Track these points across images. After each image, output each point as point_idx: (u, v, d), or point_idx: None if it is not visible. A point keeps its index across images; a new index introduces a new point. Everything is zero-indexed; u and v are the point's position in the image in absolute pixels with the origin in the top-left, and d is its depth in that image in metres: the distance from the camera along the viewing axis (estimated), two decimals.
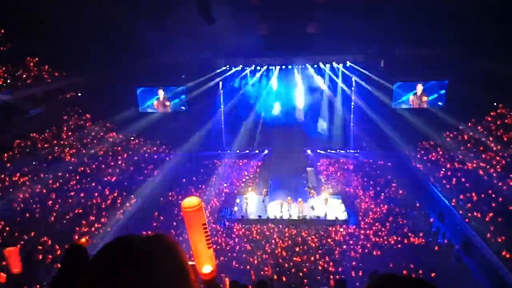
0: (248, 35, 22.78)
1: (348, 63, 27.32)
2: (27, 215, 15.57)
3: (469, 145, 21.41)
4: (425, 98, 26.34)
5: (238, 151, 28.94)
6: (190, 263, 1.08)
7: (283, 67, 28.49)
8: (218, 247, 17.23)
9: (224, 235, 19.11)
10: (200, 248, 2.29)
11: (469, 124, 22.64)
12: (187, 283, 0.98)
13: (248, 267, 15.56)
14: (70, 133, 22.70)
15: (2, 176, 17.00)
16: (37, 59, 22.58)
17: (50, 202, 16.88)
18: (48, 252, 13.63)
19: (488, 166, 18.82)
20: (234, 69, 28.64)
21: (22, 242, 13.60)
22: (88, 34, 21.28)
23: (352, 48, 25.62)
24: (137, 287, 0.88)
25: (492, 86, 20.90)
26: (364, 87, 26.89)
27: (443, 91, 25.91)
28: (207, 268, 2.31)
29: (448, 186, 19.42)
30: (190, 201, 2.28)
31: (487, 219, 15.73)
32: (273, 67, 28.62)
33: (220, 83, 28.57)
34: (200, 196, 22.15)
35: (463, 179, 19.13)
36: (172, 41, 22.48)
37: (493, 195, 16.87)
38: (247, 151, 29.24)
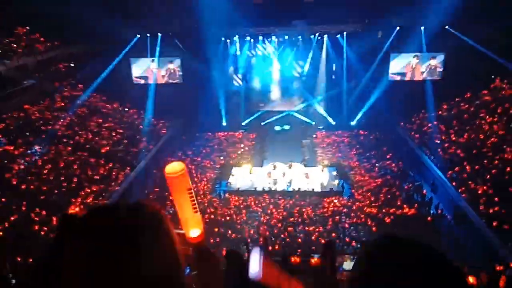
0: (243, 4, 22.20)
1: (345, 34, 26.85)
2: (23, 187, 15.52)
3: (465, 116, 21.39)
4: (421, 70, 26.07)
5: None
6: (177, 231, 1.06)
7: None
8: (214, 218, 17.44)
9: (220, 206, 19.29)
10: (187, 213, 2.24)
11: (466, 96, 22.58)
12: (173, 250, 0.95)
13: (246, 235, 15.97)
14: (63, 104, 22.38)
15: None
16: (28, 27, 21.94)
17: (45, 173, 16.82)
18: (43, 223, 13.70)
19: (483, 138, 18.90)
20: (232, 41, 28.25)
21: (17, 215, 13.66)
22: (80, 2, 20.61)
23: (349, 18, 25.08)
24: (121, 255, 0.85)
25: (489, 58, 20.75)
26: (360, 58, 26.55)
27: (439, 63, 25.64)
28: (195, 232, 2.27)
29: (442, 158, 19.53)
30: (174, 167, 2.21)
31: (480, 191, 15.90)
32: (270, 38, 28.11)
33: (216, 54, 28.03)
34: (195, 168, 22.24)
35: (458, 151, 19.21)
36: (164, 11, 21.89)
37: (487, 167, 17.00)
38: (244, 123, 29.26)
